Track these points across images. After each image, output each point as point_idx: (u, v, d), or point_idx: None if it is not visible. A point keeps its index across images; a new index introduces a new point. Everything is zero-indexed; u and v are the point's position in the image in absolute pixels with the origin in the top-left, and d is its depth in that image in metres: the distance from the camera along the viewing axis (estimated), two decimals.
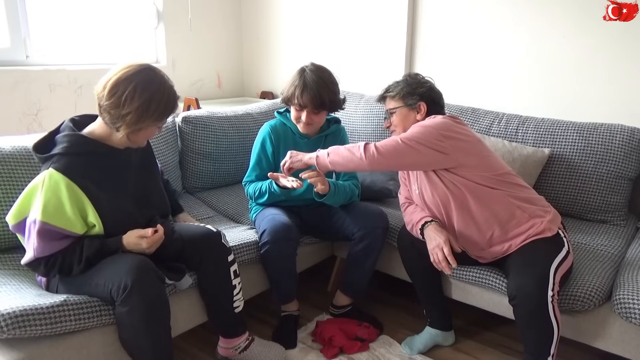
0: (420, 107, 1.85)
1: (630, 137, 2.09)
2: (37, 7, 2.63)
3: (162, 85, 1.49)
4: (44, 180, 1.40)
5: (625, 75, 2.29)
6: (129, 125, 1.44)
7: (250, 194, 2.07)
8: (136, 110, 1.43)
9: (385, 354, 1.94)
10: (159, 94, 1.47)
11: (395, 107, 1.89)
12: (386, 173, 2.38)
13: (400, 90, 1.88)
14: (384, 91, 1.94)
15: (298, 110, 1.99)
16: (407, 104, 1.86)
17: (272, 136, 2.06)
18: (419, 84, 1.88)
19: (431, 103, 1.86)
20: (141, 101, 1.43)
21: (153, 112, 1.46)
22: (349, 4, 3.11)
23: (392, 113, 1.90)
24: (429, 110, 1.85)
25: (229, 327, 1.79)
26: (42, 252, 1.42)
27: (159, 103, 1.46)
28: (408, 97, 1.86)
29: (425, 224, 1.77)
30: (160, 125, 1.56)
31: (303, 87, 1.94)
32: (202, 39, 3.42)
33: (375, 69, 3.07)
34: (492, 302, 1.86)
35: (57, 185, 1.40)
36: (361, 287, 2.09)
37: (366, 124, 2.75)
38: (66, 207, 1.40)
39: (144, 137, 1.55)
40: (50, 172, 1.40)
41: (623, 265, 1.81)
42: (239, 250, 1.84)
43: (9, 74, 2.52)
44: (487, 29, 2.65)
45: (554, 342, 1.55)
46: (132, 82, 1.42)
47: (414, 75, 1.93)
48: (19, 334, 1.28)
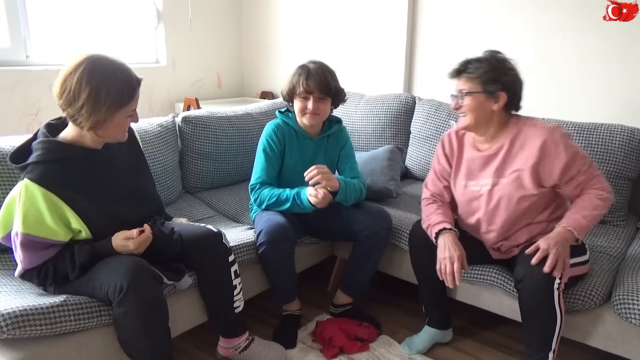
0: (499, 97, 1.66)
1: (630, 137, 2.09)
2: (37, 7, 2.63)
3: (109, 70, 1.39)
4: (21, 192, 1.37)
5: (626, 75, 2.29)
6: (87, 119, 1.37)
7: (263, 199, 1.96)
8: (87, 102, 1.35)
9: (385, 354, 1.94)
10: (107, 80, 1.38)
11: (472, 91, 1.67)
12: (386, 173, 2.38)
13: (482, 73, 1.65)
14: (462, 66, 1.71)
15: (303, 99, 1.96)
16: (487, 91, 1.65)
17: (278, 135, 2.03)
18: (504, 70, 1.67)
19: (512, 95, 1.67)
20: (88, 91, 1.35)
21: (105, 99, 1.37)
22: (349, 3, 3.10)
23: (466, 94, 1.68)
24: (508, 103, 1.68)
25: (229, 327, 1.79)
26: (30, 263, 1.40)
27: (108, 89, 1.37)
28: (489, 84, 1.65)
29: (443, 230, 1.73)
30: (128, 114, 1.46)
31: (307, 74, 1.93)
32: (202, 39, 3.42)
33: (375, 69, 3.07)
34: (492, 302, 1.86)
35: (33, 196, 1.36)
36: (362, 286, 2.09)
37: (366, 124, 2.76)
38: (46, 217, 1.37)
39: (115, 129, 1.46)
40: (25, 183, 1.37)
41: (623, 265, 1.81)
42: (238, 251, 1.84)
43: (9, 74, 2.52)
44: (487, 29, 2.65)
45: (556, 335, 1.56)
46: (77, 73, 1.36)
47: (500, 59, 1.69)
48: (19, 334, 1.28)
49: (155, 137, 2.22)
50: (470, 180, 1.80)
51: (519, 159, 1.68)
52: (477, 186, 1.78)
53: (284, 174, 2.06)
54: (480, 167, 1.77)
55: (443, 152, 1.88)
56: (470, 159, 1.80)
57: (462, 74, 1.70)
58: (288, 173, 2.05)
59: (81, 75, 1.36)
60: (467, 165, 1.81)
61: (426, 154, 2.60)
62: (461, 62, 1.72)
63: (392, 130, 2.71)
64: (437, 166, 1.90)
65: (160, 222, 1.64)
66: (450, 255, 1.67)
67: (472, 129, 1.73)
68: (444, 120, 2.53)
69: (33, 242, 1.39)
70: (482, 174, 1.76)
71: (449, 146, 1.87)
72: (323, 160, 2.08)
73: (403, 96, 2.74)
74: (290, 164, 2.04)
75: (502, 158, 1.71)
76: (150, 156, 2.12)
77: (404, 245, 2.02)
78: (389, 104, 2.72)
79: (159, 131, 2.26)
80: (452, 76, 1.73)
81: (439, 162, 1.90)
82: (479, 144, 1.78)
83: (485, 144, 1.76)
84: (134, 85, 1.44)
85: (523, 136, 1.68)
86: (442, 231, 1.73)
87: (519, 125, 1.71)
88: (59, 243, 1.43)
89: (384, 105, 2.73)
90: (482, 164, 1.76)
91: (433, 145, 2.56)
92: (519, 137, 1.69)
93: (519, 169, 1.67)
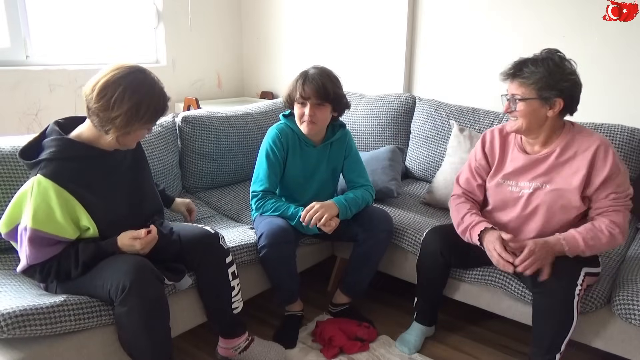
0: (555, 103, 1.55)
1: (630, 137, 2.09)
2: (37, 7, 2.63)
3: (151, 87, 1.44)
4: (33, 187, 1.38)
5: (625, 76, 2.30)
6: (118, 128, 1.41)
7: (266, 209, 1.94)
8: (125, 114, 1.39)
9: (385, 354, 1.94)
10: (149, 97, 1.42)
11: (526, 97, 1.57)
12: (387, 173, 2.38)
13: (538, 79, 1.54)
14: (516, 69, 1.59)
15: (301, 105, 1.92)
16: (542, 97, 1.55)
17: (281, 140, 1.98)
18: (563, 75, 1.54)
19: (569, 101, 1.57)
20: (130, 104, 1.38)
21: (142, 116, 1.42)
22: (349, 3, 3.11)
23: (519, 100, 1.58)
24: (564, 108, 1.58)
25: (228, 328, 1.79)
26: (35, 259, 1.41)
27: (148, 106, 1.42)
28: (545, 90, 1.53)
29: (484, 230, 1.67)
30: (150, 128, 1.52)
31: (305, 79, 1.88)
32: (202, 39, 3.42)
33: (375, 69, 3.07)
34: (492, 302, 1.86)
35: (46, 191, 1.37)
36: (361, 288, 2.09)
37: (366, 124, 2.75)
38: (56, 213, 1.38)
39: (134, 139, 1.51)
40: (38, 179, 1.38)
41: (623, 266, 1.81)
42: (239, 251, 1.84)
43: (9, 74, 2.52)
44: (487, 29, 2.65)
45: (567, 338, 1.57)
46: (122, 85, 1.38)
47: (559, 61, 1.56)
48: (19, 334, 1.28)
49: (155, 137, 2.22)
50: (510, 179, 1.73)
51: (568, 168, 1.62)
52: (516, 187, 1.71)
53: (286, 182, 2.04)
54: (524, 169, 1.69)
55: (482, 149, 1.81)
56: (514, 159, 1.73)
57: (516, 77, 1.59)
58: (289, 181, 2.03)
59: (125, 88, 1.39)
60: (509, 165, 1.73)
61: (426, 154, 2.60)
62: (515, 63, 1.60)
63: (392, 130, 2.71)
64: (474, 162, 1.83)
65: (159, 222, 1.64)
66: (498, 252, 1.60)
67: (523, 134, 1.68)
68: (444, 120, 2.53)
69: (41, 238, 1.39)
70: (524, 177, 1.69)
71: (490, 144, 1.80)
72: (326, 168, 2.07)
73: (403, 96, 2.74)
74: (292, 172, 2.02)
75: (550, 164, 1.65)
76: (150, 156, 2.12)
77: (405, 246, 2.02)
78: (389, 104, 2.72)
79: (159, 131, 2.26)
80: (504, 78, 1.63)
81: (476, 158, 1.82)
82: (527, 146, 1.72)
83: (534, 146, 1.69)
84: (166, 104, 1.48)
85: (577, 145, 1.62)
86: (484, 231, 1.66)
87: (573, 132, 1.64)
88: (66, 240, 1.44)
89: (384, 105, 2.73)
90: (527, 167, 1.69)
91: (433, 145, 2.56)
92: (571, 146, 1.63)
93: (567, 178, 1.62)
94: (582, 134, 1.64)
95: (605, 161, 1.58)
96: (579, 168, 1.61)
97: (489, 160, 1.81)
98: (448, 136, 2.48)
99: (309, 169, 2.04)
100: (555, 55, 1.58)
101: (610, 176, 1.58)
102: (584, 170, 1.59)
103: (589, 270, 1.60)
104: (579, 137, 1.63)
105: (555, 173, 1.65)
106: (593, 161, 1.59)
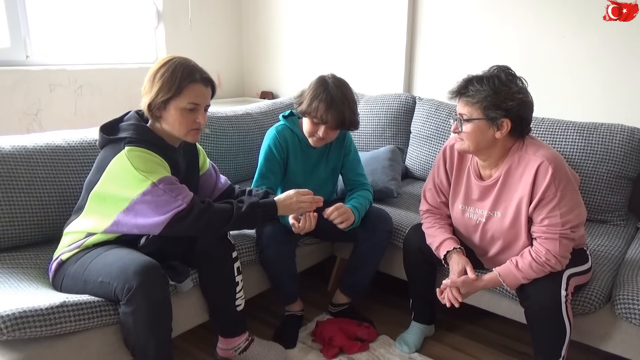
0: (503, 124, 1.49)
1: (630, 137, 2.09)
2: (37, 7, 2.63)
3: (189, 62, 1.57)
4: (126, 156, 1.47)
5: (625, 75, 2.29)
6: (157, 93, 1.50)
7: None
8: (163, 75, 1.51)
9: (385, 354, 1.94)
10: (179, 61, 1.55)
11: (472, 117, 1.51)
12: (387, 173, 2.38)
13: (483, 99, 1.48)
14: (461, 88, 1.54)
15: (315, 124, 1.89)
16: (488, 118, 1.49)
17: (280, 143, 1.97)
18: (509, 95, 1.46)
19: (517, 121, 1.49)
20: (165, 68, 1.52)
21: (179, 75, 1.51)
22: (349, 3, 3.11)
23: (464, 121, 1.54)
24: (512, 129, 1.50)
25: (229, 326, 1.79)
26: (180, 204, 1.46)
27: (182, 66, 1.53)
28: (491, 110, 1.47)
29: (448, 252, 1.67)
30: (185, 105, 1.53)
31: (330, 105, 1.82)
32: (202, 39, 3.41)
33: (375, 69, 3.07)
34: (492, 303, 1.86)
35: (142, 153, 1.49)
36: (361, 288, 2.09)
37: (366, 124, 2.75)
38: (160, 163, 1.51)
39: (173, 120, 1.54)
40: (128, 148, 1.48)
41: (623, 265, 1.81)
42: (239, 251, 1.83)
43: (9, 74, 2.52)
44: (487, 28, 2.65)
45: (566, 344, 1.55)
46: (166, 65, 1.53)
47: (505, 79, 1.48)
48: (18, 336, 1.27)
49: None
50: (469, 205, 1.71)
51: (514, 193, 1.56)
52: (474, 215, 1.70)
53: (287, 183, 2.04)
54: (480, 196, 1.67)
55: (444, 165, 1.77)
56: (470, 185, 1.70)
57: (462, 96, 1.54)
58: (290, 182, 2.03)
59: (159, 65, 1.55)
60: (467, 190, 1.70)
61: (426, 154, 2.60)
62: (462, 81, 1.55)
63: (392, 130, 2.71)
64: (436, 179, 1.80)
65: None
66: (452, 281, 1.61)
67: (473, 154, 1.63)
68: (444, 120, 2.53)
69: (171, 180, 1.49)
70: (480, 204, 1.67)
71: (450, 161, 1.75)
72: (326, 167, 2.07)
73: (403, 96, 2.74)
74: (293, 172, 2.02)
75: (497, 191, 1.60)
76: None
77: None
78: (389, 104, 2.72)
79: None
80: (450, 97, 1.58)
81: (438, 174, 1.79)
82: (481, 169, 1.67)
83: (487, 169, 1.65)
84: (196, 76, 1.54)
85: (522, 166, 1.54)
86: (448, 253, 1.68)
87: (520, 153, 1.56)
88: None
89: (384, 105, 2.73)
90: (481, 194, 1.66)
91: (433, 145, 2.56)
92: (516, 168, 1.56)
93: (514, 205, 1.56)
94: (527, 153, 1.54)
95: (542, 182, 1.48)
96: (523, 193, 1.53)
97: (449, 179, 1.77)
98: (448, 136, 2.48)
99: (308, 169, 2.04)
100: (502, 73, 1.51)
101: (543, 199, 1.49)
102: (527, 194, 1.52)
103: (574, 271, 1.57)
104: (525, 157, 1.54)
105: (503, 200, 1.60)
106: (534, 182, 1.50)
